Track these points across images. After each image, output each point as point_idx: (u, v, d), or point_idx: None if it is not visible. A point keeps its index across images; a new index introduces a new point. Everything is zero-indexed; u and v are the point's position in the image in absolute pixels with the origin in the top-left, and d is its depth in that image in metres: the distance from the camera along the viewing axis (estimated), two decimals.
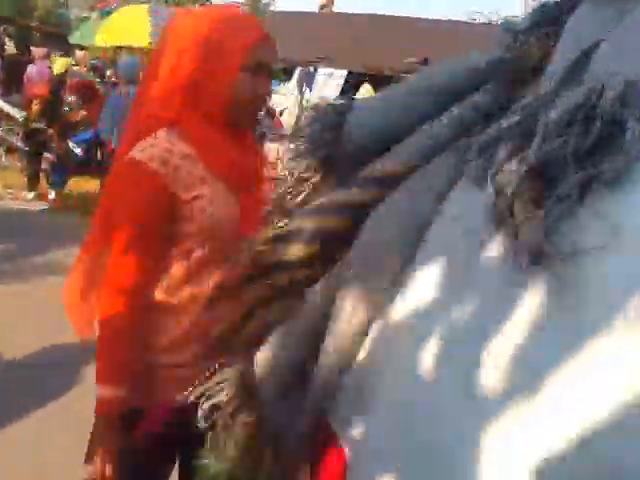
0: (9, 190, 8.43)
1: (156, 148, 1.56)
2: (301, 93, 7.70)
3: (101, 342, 1.58)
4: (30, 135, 8.44)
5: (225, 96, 1.60)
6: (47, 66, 11.71)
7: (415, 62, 7.93)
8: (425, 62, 8.06)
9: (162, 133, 1.59)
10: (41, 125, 8.35)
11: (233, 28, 1.60)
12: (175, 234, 1.61)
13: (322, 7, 12.15)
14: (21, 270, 5.62)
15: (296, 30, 8.05)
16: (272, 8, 44.43)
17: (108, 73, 11.42)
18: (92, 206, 7.74)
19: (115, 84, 9.15)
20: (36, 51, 12.09)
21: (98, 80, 10.67)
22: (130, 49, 10.31)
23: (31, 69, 11.33)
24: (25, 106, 9.07)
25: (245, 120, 1.70)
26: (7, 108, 9.79)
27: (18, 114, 9.50)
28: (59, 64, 11.82)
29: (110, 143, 7.57)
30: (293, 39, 7.87)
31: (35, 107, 8.35)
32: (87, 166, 9.41)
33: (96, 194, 8.52)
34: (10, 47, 12.88)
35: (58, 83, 10.22)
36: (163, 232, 1.60)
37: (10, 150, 9.61)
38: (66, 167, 8.18)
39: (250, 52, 1.58)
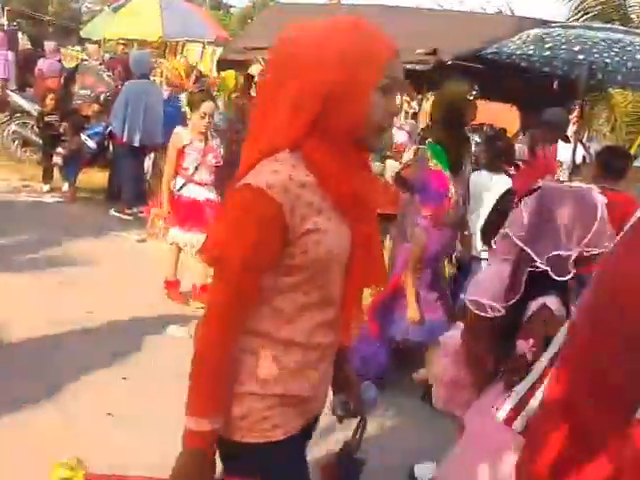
0: (25, 183, 8.55)
1: (279, 175, 1.43)
2: None
3: (197, 373, 1.50)
4: (44, 128, 8.54)
5: (358, 116, 1.45)
6: (57, 60, 11.86)
7: (425, 53, 7.95)
8: (434, 53, 8.07)
9: (285, 155, 1.47)
10: (55, 118, 8.45)
11: (367, 42, 1.46)
12: (283, 266, 1.49)
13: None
14: (36, 260, 5.72)
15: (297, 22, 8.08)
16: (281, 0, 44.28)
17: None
18: (102, 197, 7.87)
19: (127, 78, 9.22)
20: (47, 45, 12.21)
21: (109, 74, 10.74)
22: (141, 42, 10.41)
23: (42, 63, 11.48)
24: (39, 100, 9.19)
25: (372, 141, 1.53)
26: (22, 102, 9.91)
27: (32, 108, 9.62)
28: (71, 58, 11.98)
29: (121, 137, 7.66)
30: None
31: (49, 101, 8.45)
32: (100, 158, 9.54)
33: (105, 187, 8.65)
34: (24, 41, 12.99)
35: (69, 77, 10.35)
36: (271, 264, 1.48)
37: (25, 143, 9.73)
38: (78, 160, 8.28)
39: (384, 68, 1.45)
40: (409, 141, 9.35)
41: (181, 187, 5.19)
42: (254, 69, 8.85)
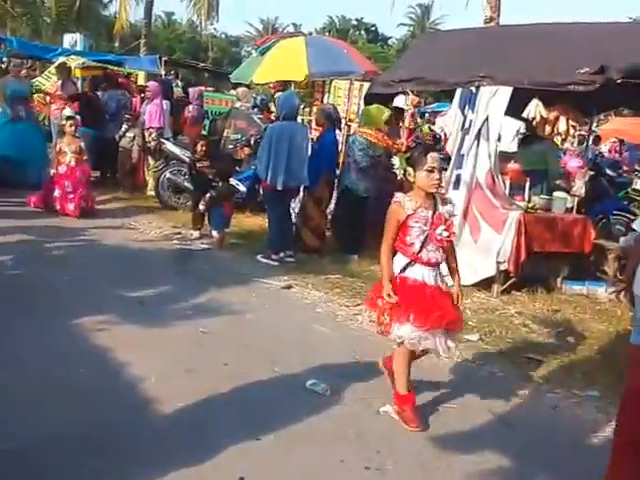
0: (176, 230, 8.65)
1: None
2: (463, 115, 7.22)
3: None
4: (196, 175, 8.64)
5: None
6: (200, 105, 12.21)
7: (590, 72, 7.17)
8: (602, 71, 7.25)
9: None
10: (206, 164, 8.52)
11: None
12: None
13: (487, 21, 11.60)
14: (180, 308, 5.64)
15: (457, 48, 7.61)
16: (440, 27, 43.97)
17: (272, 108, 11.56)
18: (254, 242, 7.79)
19: (273, 120, 9.17)
20: (191, 92, 12.58)
21: (260, 116, 10.82)
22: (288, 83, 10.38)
23: (189, 110, 11.84)
24: (191, 147, 9.37)
25: None
26: (175, 150, 10.15)
27: (184, 155, 9.82)
28: (226, 103, 12.23)
29: (265, 179, 7.53)
30: (454, 58, 7.45)
31: (200, 148, 8.53)
32: (250, 203, 9.53)
33: (258, 231, 8.57)
34: (178, 89, 13.47)
35: (219, 122, 10.52)
36: None
37: (178, 190, 9.93)
38: (226, 205, 8.25)
39: None
40: (580, 166, 8.90)
41: (404, 268, 4.02)
42: (398, 101, 8.50)
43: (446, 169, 7.40)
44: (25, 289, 5.76)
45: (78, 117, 10.13)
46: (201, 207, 8.22)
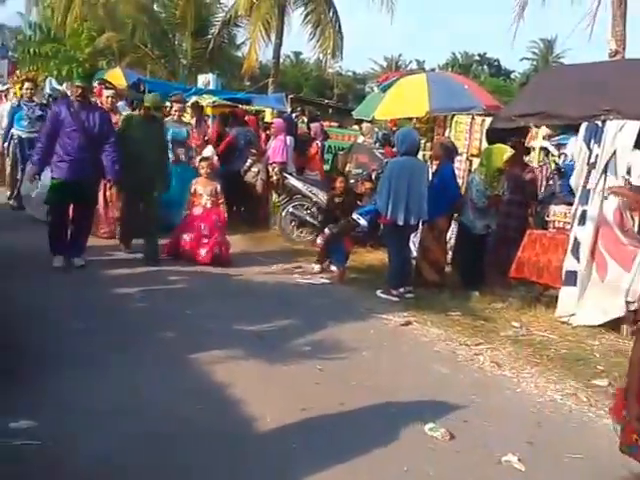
0: (298, 264, 8.75)
1: None
2: (589, 149, 6.95)
3: None
4: (331, 211, 8.77)
5: None
6: (322, 140, 12.45)
7: None
8: None
9: None
10: (340, 200, 8.67)
11: None
12: None
13: (612, 55, 11.16)
14: (299, 344, 5.65)
15: (581, 82, 7.36)
16: (563, 61, 42.87)
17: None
18: (374, 277, 7.78)
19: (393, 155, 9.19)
20: (313, 127, 12.83)
21: (381, 151, 10.86)
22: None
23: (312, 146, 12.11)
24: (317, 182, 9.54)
25: None
26: (298, 185, 10.32)
27: (308, 190, 10.01)
28: (349, 138, 12.38)
29: (385, 215, 7.51)
30: (577, 92, 7.20)
31: (339, 184, 8.71)
32: (371, 237, 9.53)
33: (378, 266, 8.54)
34: (303, 125, 13.75)
35: (342, 156, 10.66)
36: None
37: (300, 225, 10.08)
38: (346, 240, 8.29)
39: None
40: None
41: None
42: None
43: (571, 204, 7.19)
44: (149, 322, 5.95)
45: (216, 158, 10.49)
46: (319, 241, 8.30)
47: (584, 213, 6.89)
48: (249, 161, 11.20)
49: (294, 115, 14.06)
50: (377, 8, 21.92)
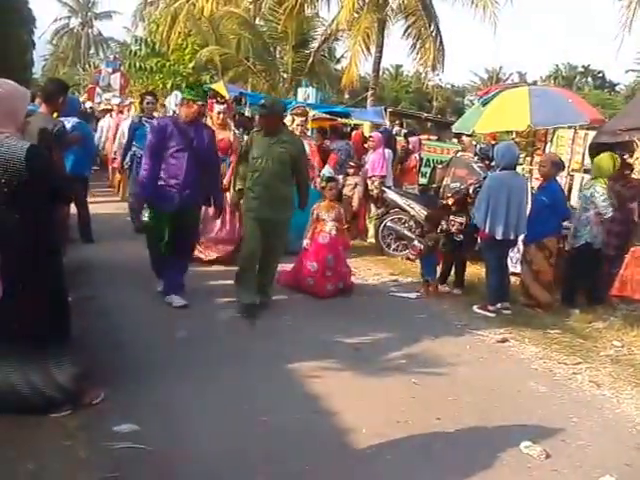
0: (394, 277, 8.80)
1: None
2: None
3: None
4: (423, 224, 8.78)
5: None
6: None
7: None
8: None
9: None
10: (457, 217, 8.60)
11: None
12: None
13: None
14: (392, 359, 5.69)
15: None
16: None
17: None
18: (471, 292, 7.71)
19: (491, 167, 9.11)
20: (411, 142, 12.85)
21: (481, 165, 10.75)
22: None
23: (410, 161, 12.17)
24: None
25: None
26: (396, 198, 10.38)
27: (406, 204, 10.06)
28: (447, 151, 12.35)
29: (483, 229, 7.46)
30: None
31: (452, 200, 8.60)
32: (468, 251, 9.44)
33: (475, 281, 8.46)
34: (401, 138, 13.80)
35: (440, 170, 10.64)
36: None
37: (397, 238, 10.13)
38: (439, 254, 8.27)
39: None
40: None
41: None
42: None
43: None
44: (248, 333, 6.12)
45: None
46: (411, 255, 8.27)
47: None
48: (347, 174, 11.32)
49: (394, 129, 14.12)
50: (479, 19, 21.61)
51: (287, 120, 9.25)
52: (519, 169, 8.57)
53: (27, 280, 3.80)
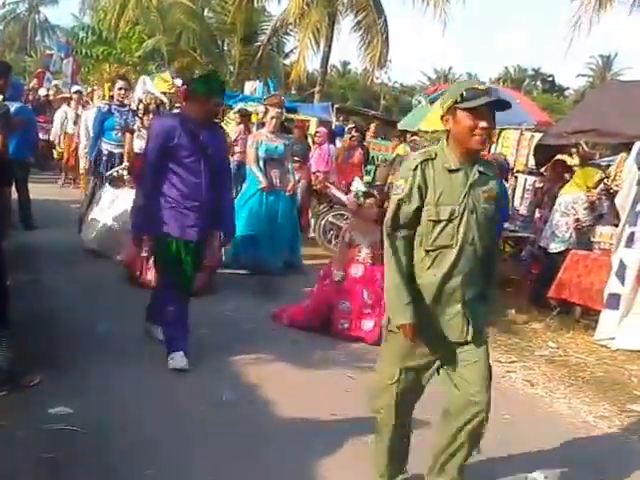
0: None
1: None
2: None
3: None
4: None
5: None
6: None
7: None
8: None
9: None
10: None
11: None
12: None
13: None
14: (334, 353, 5.68)
15: (637, 99, 7.26)
16: (622, 78, 42.26)
17: None
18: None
19: None
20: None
21: None
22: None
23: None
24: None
25: None
26: (339, 194, 10.40)
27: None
28: (400, 149, 12.41)
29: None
30: (634, 109, 7.09)
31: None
32: None
33: None
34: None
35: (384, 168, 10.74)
36: None
37: (339, 234, 10.15)
38: None
39: None
40: None
41: None
42: None
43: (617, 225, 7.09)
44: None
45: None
46: None
47: (632, 235, 6.67)
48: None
49: (346, 128, 14.00)
50: (429, 19, 21.73)
51: (260, 111, 8.86)
52: None
53: None
